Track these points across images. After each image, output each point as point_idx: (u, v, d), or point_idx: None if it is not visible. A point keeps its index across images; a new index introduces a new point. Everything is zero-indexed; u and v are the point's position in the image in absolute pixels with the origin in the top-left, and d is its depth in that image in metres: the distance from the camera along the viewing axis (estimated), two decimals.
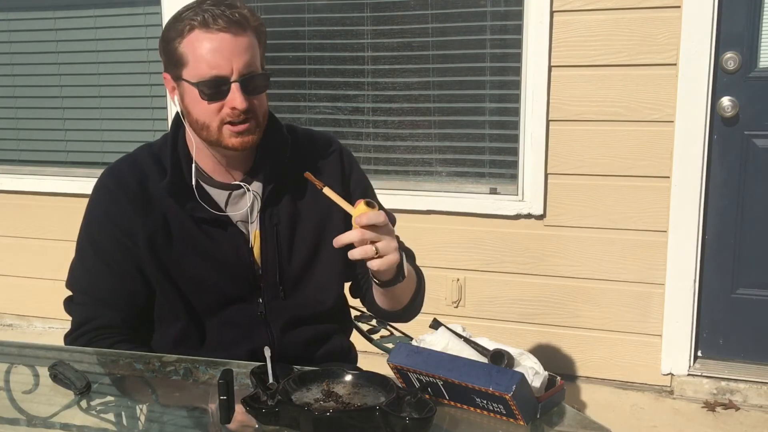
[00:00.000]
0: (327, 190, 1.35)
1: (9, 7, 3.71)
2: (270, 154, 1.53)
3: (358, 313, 1.89)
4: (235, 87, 1.40)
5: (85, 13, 3.57)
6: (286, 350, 1.50)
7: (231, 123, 1.42)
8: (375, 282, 1.42)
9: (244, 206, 1.52)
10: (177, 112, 1.53)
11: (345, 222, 1.56)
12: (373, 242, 1.29)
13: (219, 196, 1.51)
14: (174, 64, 1.44)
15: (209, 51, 1.39)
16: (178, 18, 1.42)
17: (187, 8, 1.42)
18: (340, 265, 1.58)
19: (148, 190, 1.49)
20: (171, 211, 1.49)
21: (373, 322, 1.94)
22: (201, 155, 1.51)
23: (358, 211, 1.29)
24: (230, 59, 1.39)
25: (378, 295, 1.52)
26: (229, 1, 1.43)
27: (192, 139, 1.50)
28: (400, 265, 1.36)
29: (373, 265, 1.31)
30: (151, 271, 1.48)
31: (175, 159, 1.50)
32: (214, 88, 1.40)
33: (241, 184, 1.51)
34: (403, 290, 1.50)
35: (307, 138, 1.62)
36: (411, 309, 1.59)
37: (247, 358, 1.42)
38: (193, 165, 1.50)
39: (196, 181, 1.49)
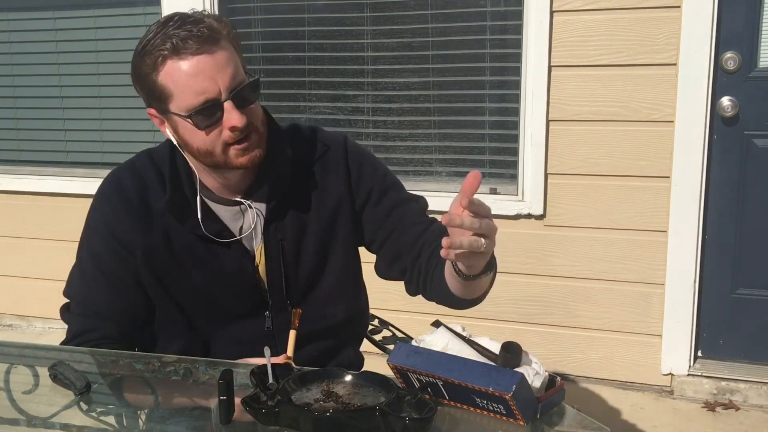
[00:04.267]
0: None
1: (9, 7, 3.71)
2: (271, 168, 1.47)
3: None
4: (228, 106, 1.33)
5: (85, 13, 3.57)
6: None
7: (235, 143, 1.36)
8: (460, 275, 1.28)
9: (248, 222, 1.48)
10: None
11: (351, 233, 1.55)
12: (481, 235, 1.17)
13: (223, 211, 1.47)
14: (157, 98, 1.37)
15: (190, 77, 1.31)
16: (145, 51, 1.34)
17: (150, 38, 1.34)
18: (348, 276, 1.56)
19: (149, 204, 1.45)
20: (173, 227, 1.44)
21: (375, 322, 1.94)
22: (202, 171, 1.46)
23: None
24: (214, 78, 1.31)
25: (457, 286, 1.38)
26: (192, 15, 1.35)
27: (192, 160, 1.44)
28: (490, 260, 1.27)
29: (472, 258, 1.19)
30: (150, 286, 1.46)
31: (175, 175, 1.45)
32: (208, 115, 1.33)
33: (243, 201, 1.47)
34: (488, 278, 1.36)
35: (311, 142, 1.54)
36: (487, 292, 1.44)
37: None
38: (198, 182, 1.44)
39: (200, 197, 1.45)
